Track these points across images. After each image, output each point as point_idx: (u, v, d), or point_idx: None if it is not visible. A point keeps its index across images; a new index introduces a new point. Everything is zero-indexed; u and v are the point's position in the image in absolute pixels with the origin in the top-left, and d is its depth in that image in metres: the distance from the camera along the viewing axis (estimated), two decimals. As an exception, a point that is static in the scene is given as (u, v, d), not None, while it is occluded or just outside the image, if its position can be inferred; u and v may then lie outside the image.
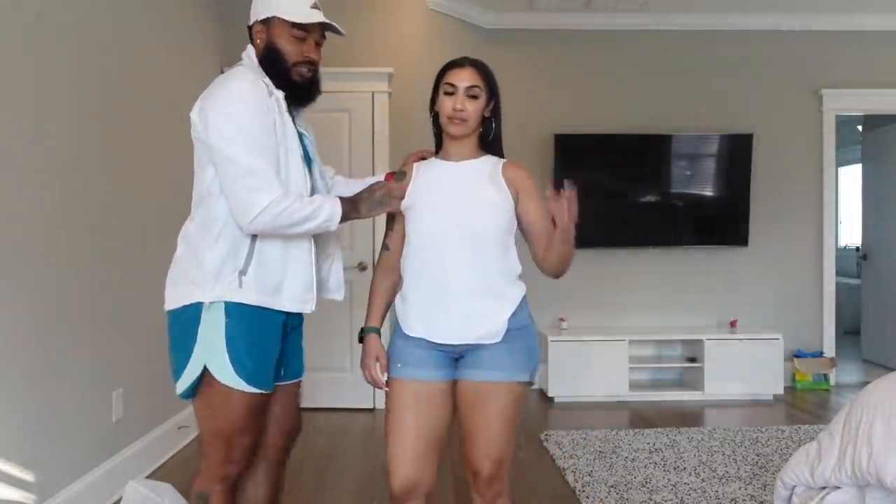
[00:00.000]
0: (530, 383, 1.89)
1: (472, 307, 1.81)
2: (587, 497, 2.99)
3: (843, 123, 6.77)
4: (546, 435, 3.93)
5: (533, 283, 2.13)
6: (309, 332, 5.03)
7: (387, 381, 1.88)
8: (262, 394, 1.80)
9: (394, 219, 1.96)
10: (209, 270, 1.74)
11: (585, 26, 5.24)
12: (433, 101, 1.94)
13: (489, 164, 1.92)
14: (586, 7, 5.09)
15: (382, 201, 1.88)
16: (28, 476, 2.39)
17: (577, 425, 4.22)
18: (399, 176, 1.95)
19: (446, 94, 1.87)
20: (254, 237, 1.77)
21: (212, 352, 1.74)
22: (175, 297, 1.79)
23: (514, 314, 1.85)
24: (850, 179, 8.33)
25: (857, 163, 7.39)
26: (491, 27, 5.19)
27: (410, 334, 1.85)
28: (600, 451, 3.63)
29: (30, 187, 2.43)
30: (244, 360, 1.75)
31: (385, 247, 1.98)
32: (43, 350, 2.51)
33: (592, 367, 4.82)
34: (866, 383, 2.46)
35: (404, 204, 1.90)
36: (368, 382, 1.91)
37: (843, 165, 8.09)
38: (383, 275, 1.97)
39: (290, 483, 3.23)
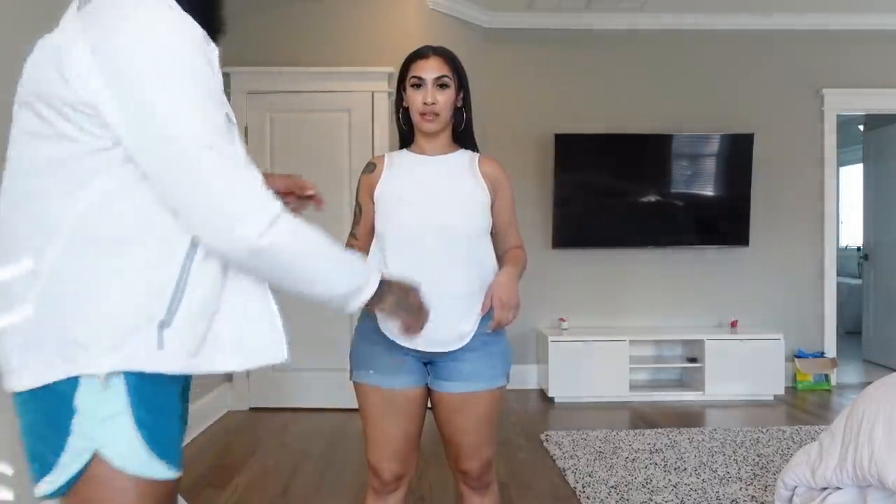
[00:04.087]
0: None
1: (447, 311, 1.71)
2: (587, 497, 2.98)
3: (845, 123, 6.77)
4: (546, 435, 3.92)
5: (533, 283, 2.10)
6: (306, 331, 5.01)
7: (359, 387, 1.81)
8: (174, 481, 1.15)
9: (361, 210, 1.87)
10: (109, 325, 1.06)
11: (585, 26, 5.24)
12: (399, 96, 1.85)
13: (466, 159, 1.85)
14: (586, 7, 5.08)
15: (413, 313, 1.36)
16: (26, 477, 2.38)
17: (578, 425, 4.21)
18: (368, 167, 1.87)
19: (414, 87, 1.78)
20: (186, 263, 1.09)
21: (103, 426, 1.07)
22: (46, 368, 1.06)
23: (485, 318, 1.78)
24: (852, 179, 8.33)
25: (859, 162, 7.38)
26: (491, 27, 5.19)
27: (388, 335, 1.75)
28: (600, 452, 3.62)
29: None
30: (154, 427, 1.10)
31: (352, 235, 1.90)
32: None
33: (592, 367, 4.81)
34: (867, 384, 2.45)
35: (378, 200, 1.81)
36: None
37: (844, 165, 8.07)
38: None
39: (290, 484, 3.22)
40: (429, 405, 1.85)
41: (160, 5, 1.05)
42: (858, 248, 7.41)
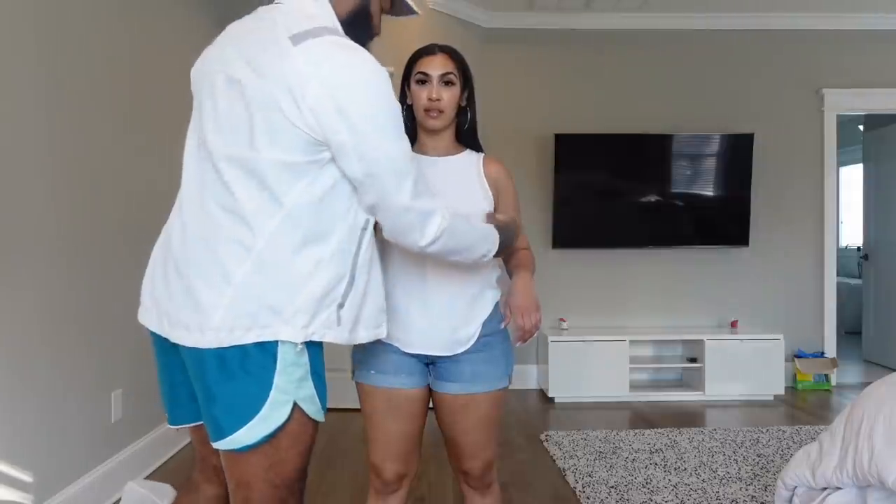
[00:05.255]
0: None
1: (450, 314, 1.74)
2: (587, 498, 2.98)
3: (845, 123, 6.77)
4: (546, 435, 3.92)
5: (534, 283, 2.08)
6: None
7: (361, 387, 1.81)
8: None
9: None
10: (307, 302, 1.32)
11: (585, 26, 5.24)
12: (403, 93, 1.84)
13: (471, 161, 1.84)
14: (586, 7, 5.08)
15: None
16: (27, 476, 2.38)
17: (578, 426, 4.21)
18: None
19: (419, 83, 1.77)
20: (356, 258, 1.40)
21: (297, 385, 1.35)
22: (243, 330, 1.29)
23: (487, 319, 1.78)
24: (852, 179, 8.33)
25: (859, 163, 7.38)
26: (491, 27, 5.19)
27: (384, 339, 1.74)
28: (600, 452, 3.62)
29: (30, 187, 2.42)
30: (322, 385, 1.41)
31: None
32: (42, 350, 2.50)
33: (592, 368, 4.81)
34: (867, 384, 2.45)
35: None
36: None
37: (844, 165, 8.08)
38: None
39: (290, 484, 3.23)
40: (430, 405, 1.85)
41: (367, 54, 1.33)
42: (858, 248, 7.42)
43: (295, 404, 1.33)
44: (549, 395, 4.84)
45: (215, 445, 1.33)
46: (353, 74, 1.29)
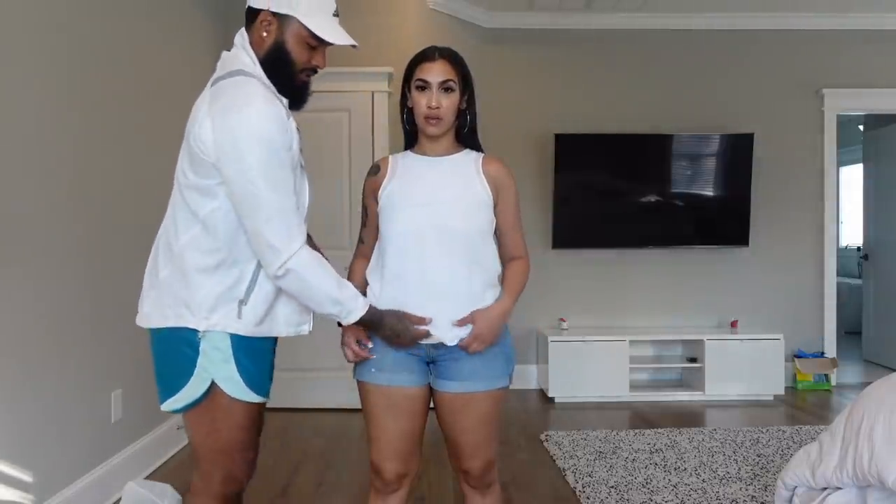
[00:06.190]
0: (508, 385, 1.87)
1: (449, 313, 1.74)
2: (587, 498, 2.98)
3: (845, 123, 6.76)
4: (546, 435, 3.92)
5: (533, 283, 2.08)
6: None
7: (362, 385, 1.82)
8: (262, 403, 1.74)
9: (367, 213, 1.89)
10: (208, 298, 1.60)
11: (585, 26, 5.24)
12: (403, 95, 1.85)
13: (470, 160, 1.84)
14: (586, 7, 5.08)
15: (400, 334, 1.74)
16: (27, 476, 2.38)
17: (578, 425, 4.21)
18: (373, 169, 1.88)
19: (418, 89, 1.77)
20: (258, 264, 1.63)
21: (217, 367, 1.63)
22: (162, 317, 1.64)
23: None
24: (852, 179, 8.33)
25: (859, 162, 7.38)
26: (491, 27, 5.19)
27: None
28: (600, 452, 3.62)
29: (31, 185, 2.42)
30: (250, 370, 1.66)
31: (360, 240, 1.93)
32: (42, 350, 2.50)
33: (592, 367, 4.81)
34: (867, 384, 2.45)
35: (381, 202, 1.82)
36: (350, 361, 1.83)
37: (844, 165, 8.07)
38: (360, 261, 1.91)
39: (290, 484, 3.22)
40: (431, 405, 1.86)
41: (261, 98, 1.54)
42: (858, 248, 7.41)
43: (214, 383, 1.62)
44: (549, 395, 4.84)
45: (162, 407, 1.69)
46: (231, 106, 1.52)
